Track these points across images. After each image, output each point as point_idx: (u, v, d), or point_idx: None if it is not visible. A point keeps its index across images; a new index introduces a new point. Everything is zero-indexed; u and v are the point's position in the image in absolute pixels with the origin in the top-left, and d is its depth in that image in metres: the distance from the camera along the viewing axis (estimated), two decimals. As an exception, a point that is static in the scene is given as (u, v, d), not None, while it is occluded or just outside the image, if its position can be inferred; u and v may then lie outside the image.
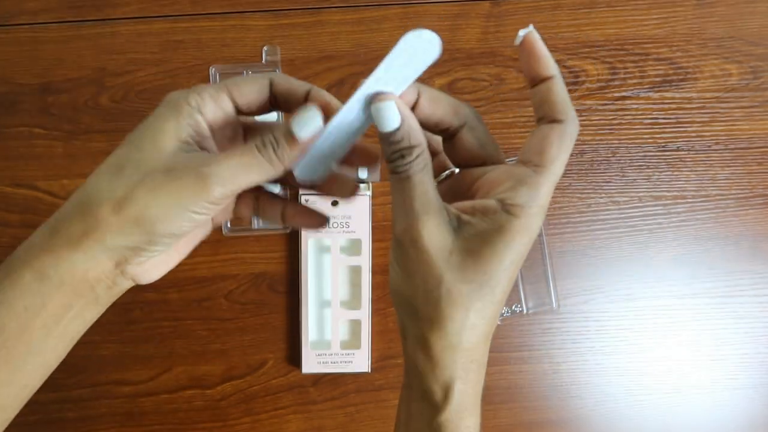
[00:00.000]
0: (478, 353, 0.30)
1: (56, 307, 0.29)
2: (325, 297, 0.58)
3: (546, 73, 0.29)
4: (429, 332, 0.29)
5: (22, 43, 0.58)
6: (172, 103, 0.29)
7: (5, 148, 0.58)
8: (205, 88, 0.30)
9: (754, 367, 0.59)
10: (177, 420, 0.58)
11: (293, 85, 0.31)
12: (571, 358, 0.59)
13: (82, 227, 0.28)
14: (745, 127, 0.59)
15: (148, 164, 0.28)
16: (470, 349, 0.29)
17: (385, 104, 0.28)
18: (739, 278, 0.59)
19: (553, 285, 0.59)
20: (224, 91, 0.30)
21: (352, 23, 0.59)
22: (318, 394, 0.58)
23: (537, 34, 0.29)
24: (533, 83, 0.29)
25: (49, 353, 0.31)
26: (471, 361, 0.29)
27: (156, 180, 0.28)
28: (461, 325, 0.28)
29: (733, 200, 0.59)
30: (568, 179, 0.59)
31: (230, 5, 0.58)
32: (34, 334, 0.29)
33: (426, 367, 0.29)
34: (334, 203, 0.57)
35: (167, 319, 0.58)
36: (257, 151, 0.29)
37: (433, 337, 0.28)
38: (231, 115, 0.31)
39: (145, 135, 0.29)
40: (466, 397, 0.30)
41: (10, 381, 0.30)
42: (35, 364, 0.30)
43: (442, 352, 0.29)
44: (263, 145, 0.29)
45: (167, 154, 0.29)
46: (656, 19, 0.59)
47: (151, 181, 0.28)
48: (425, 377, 0.30)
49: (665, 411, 0.59)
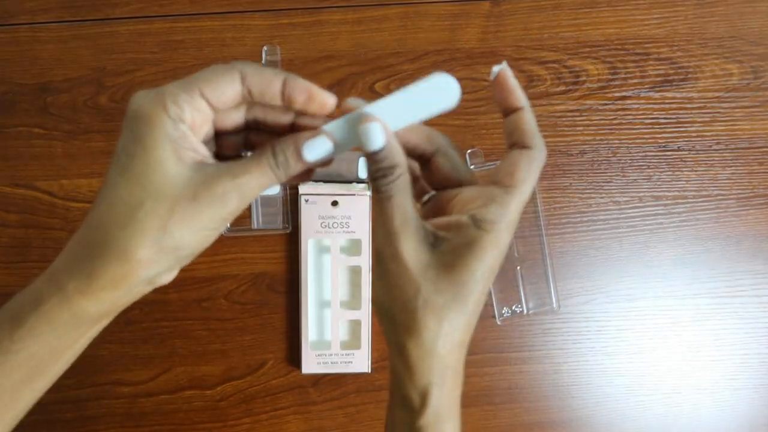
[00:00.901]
0: (453, 360, 0.31)
1: (91, 333, 0.32)
2: (325, 297, 0.58)
3: (517, 104, 0.32)
4: (407, 340, 0.30)
5: (21, 42, 0.58)
6: (154, 121, 0.28)
7: (4, 148, 0.58)
8: (177, 94, 0.29)
9: (754, 367, 0.59)
10: (177, 420, 0.58)
11: (266, 76, 0.30)
12: (571, 359, 0.59)
13: (121, 271, 0.29)
14: (746, 127, 0.59)
15: (166, 195, 0.28)
16: (445, 356, 0.31)
17: (371, 125, 0.29)
18: (740, 278, 0.59)
19: (553, 285, 0.58)
20: (196, 92, 0.29)
21: (352, 23, 0.58)
22: (318, 395, 0.58)
23: (509, 70, 0.31)
24: (506, 114, 0.32)
25: (57, 374, 0.32)
26: (446, 367, 0.31)
27: (185, 210, 0.28)
28: (436, 334, 0.30)
29: (734, 200, 0.59)
30: (568, 179, 0.59)
31: (230, 5, 0.58)
32: (56, 366, 0.31)
33: (404, 374, 0.31)
34: (334, 203, 0.57)
35: (167, 319, 0.58)
36: (270, 170, 0.30)
37: (410, 345, 0.30)
38: (209, 115, 0.30)
39: (147, 163, 0.28)
40: (443, 403, 0.32)
41: (32, 389, 0.32)
42: (41, 388, 0.32)
43: (419, 359, 0.30)
44: (276, 166, 0.30)
45: (180, 179, 0.29)
46: (657, 18, 0.59)
47: (180, 213, 0.28)
48: (404, 384, 0.31)
49: (666, 411, 0.59)
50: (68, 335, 0.30)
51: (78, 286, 0.29)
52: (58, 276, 0.29)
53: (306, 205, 0.57)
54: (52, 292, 0.29)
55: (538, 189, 0.59)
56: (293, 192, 0.58)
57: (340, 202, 0.57)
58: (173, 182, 0.28)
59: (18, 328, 0.29)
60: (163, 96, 0.29)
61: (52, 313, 0.29)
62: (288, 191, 0.58)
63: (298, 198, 0.57)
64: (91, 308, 0.29)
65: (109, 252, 0.28)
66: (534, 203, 0.59)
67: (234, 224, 0.58)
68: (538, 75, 0.59)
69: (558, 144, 0.59)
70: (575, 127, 0.59)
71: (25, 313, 0.29)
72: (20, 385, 0.30)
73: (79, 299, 0.29)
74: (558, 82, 0.59)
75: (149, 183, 0.28)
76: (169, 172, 0.28)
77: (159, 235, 0.28)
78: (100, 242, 0.29)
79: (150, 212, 0.28)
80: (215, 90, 0.29)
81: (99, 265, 0.29)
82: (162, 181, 0.28)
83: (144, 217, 0.28)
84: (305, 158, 0.30)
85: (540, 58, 0.59)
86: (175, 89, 0.29)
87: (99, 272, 0.29)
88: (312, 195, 0.57)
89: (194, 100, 0.29)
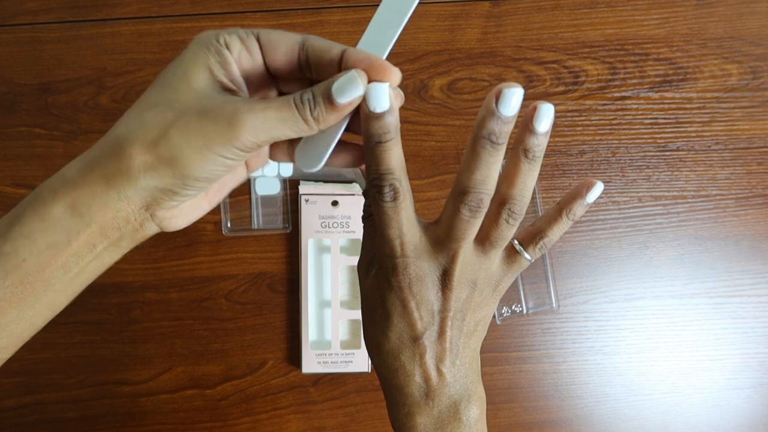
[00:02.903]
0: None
1: (81, 245, 0.29)
2: (325, 297, 0.58)
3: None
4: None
5: (22, 43, 0.58)
6: (202, 40, 0.29)
7: (5, 148, 0.58)
8: (236, 30, 0.30)
9: (753, 367, 0.59)
10: (177, 420, 0.58)
11: (325, 43, 0.30)
12: (570, 358, 0.59)
13: (115, 165, 0.28)
14: (744, 127, 0.59)
15: (181, 104, 0.28)
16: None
17: (380, 86, 0.29)
18: (738, 278, 0.59)
19: (553, 285, 0.59)
20: (253, 35, 0.30)
21: (352, 23, 0.59)
22: (318, 394, 0.58)
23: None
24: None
25: (61, 293, 0.30)
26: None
27: (190, 122, 0.28)
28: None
29: (733, 200, 0.59)
30: (567, 179, 0.59)
31: (230, 5, 0.58)
32: (53, 273, 0.29)
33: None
34: (334, 203, 0.57)
35: (167, 319, 0.58)
36: (295, 106, 0.29)
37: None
38: (259, 62, 0.30)
39: (176, 73, 0.29)
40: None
41: (19, 318, 0.29)
42: (46, 302, 0.30)
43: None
44: (301, 102, 0.29)
45: (201, 94, 0.28)
46: (656, 19, 0.59)
47: (185, 123, 0.28)
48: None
49: (665, 411, 0.59)
50: (59, 243, 0.28)
51: (76, 177, 0.28)
52: (61, 171, 0.29)
53: (306, 205, 0.57)
54: (54, 180, 0.29)
55: (538, 189, 0.59)
56: (293, 192, 0.58)
57: (340, 202, 0.57)
58: (191, 95, 0.28)
59: (10, 229, 0.28)
60: (224, 30, 0.30)
61: (45, 206, 0.28)
62: (288, 191, 0.58)
63: (298, 198, 0.57)
64: (83, 207, 0.28)
65: (106, 145, 0.29)
66: (534, 203, 0.59)
67: (234, 224, 0.58)
68: (537, 75, 0.59)
69: (557, 144, 0.59)
70: (575, 128, 0.59)
71: (21, 210, 0.28)
72: (10, 296, 0.28)
73: (75, 188, 0.28)
74: (557, 82, 0.59)
75: (170, 90, 0.29)
76: (192, 85, 0.28)
77: (157, 137, 0.28)
78: (105, 137, 0.29)
79: (157, 114, 0.28)
80: (271, 40, 0.30)
81: (95, 156, 0.29)
82: (182, 90, 0.28)
83: (150, 119, 0.28)
84: (336, 99, 0.28)
85: (539, 58, 0.59)
86: (237, 28, 0.29)
87: (94, 163, 0.28)
88: (312, 195, 0.57)
89: (248, 39, 0.29)
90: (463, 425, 0.33)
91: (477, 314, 0.34)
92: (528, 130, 0.31)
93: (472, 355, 0.34)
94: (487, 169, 0.31)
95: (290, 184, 0.58)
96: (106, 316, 0.58)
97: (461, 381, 0.33)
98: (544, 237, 0.34)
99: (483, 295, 0.34)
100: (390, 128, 0.30)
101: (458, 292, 0.33)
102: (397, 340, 0.33)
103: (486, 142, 0.30)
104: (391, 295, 0.32)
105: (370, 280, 0.34)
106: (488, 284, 0.34)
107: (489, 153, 0.30)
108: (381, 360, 0.34)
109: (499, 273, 0.34)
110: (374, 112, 0.29)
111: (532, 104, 0.31)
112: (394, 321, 0.33)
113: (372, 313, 0.34)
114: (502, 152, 0.31)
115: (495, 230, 0.32)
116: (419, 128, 0.59)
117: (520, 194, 0.32)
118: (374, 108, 0.29)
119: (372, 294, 0.34)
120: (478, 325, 0.34)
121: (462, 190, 0.31)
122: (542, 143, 0.31)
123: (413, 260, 0.32)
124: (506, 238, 0.33)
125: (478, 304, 0.34)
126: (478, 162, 0.30)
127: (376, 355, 0.34)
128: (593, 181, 0.34)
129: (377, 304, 0.33)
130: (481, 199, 0.31)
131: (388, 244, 0.32)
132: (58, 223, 0.28)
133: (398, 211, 0.31)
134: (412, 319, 0.32)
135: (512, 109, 0.30)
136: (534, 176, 0.32)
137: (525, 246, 0.34)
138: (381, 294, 0.33)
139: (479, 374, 0.35)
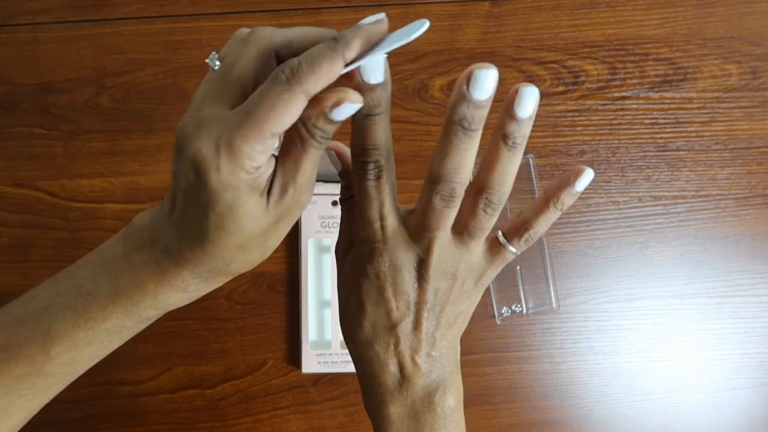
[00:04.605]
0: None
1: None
2: (325, 297, 0.58)
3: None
4: None
5: (22, 43, 0.58)
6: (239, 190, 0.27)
7: (5, 148, 0.58)
8: (251, 153, 0.26)
9: (753, 367, 0.59)
10: (177, 420, 0.58)
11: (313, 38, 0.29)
12: (570, 358, 0.59)
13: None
14: (744, 127, 0.59)
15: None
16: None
17: (377, 57, 0.28)
18: (738, 278, 0.59)
19: (553, 285, 0.59)
20: (267, 137, 0.26)
21: (352, 23, 0.58)
22: (318, 394, 0.58)
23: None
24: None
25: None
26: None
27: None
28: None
29: (733, 200, 0.59)
30: (567, 179, 0.59)
31: (230, 5, 0.58)
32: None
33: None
34: (334, 203, 0.57)
35: (167, 319, 0.58)
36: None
37: None
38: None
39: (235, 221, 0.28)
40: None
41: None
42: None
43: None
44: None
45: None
46: (656, 19, 0.59)
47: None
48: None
49: (665, 411, 0.59)
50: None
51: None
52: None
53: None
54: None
55: (538, 188, 0.59)
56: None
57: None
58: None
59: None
60: (240, 160, 0.26)
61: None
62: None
63: (298, 198, 0.57)
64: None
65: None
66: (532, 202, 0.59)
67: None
68: (537, 75, 0.59)
69: (557, 144, 0.59)
70: (575, 128, 0.59)
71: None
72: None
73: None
74: (557, 82, 0.59)
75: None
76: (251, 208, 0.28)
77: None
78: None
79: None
80: (283, 126, 0.27)
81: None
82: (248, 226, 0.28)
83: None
84: (332, 117, 0.27)
85: (539, 58, 0.59)
86: (248, 149, 0.26)
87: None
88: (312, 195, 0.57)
89: (266, 145, 0.27)
90: (437, 416, 0.32)
91: (457, 306, 0.33)
92: (508, 114, 0.29)
93: (450, 346, 0.33)
94: (459, 157, 0.29)
95: (290, 184, 0.58)
96: (106, 316, 0.58)
97: (437, 371, 0.32)
98: (530, 229, 0.33)
99: (464, 287, 0.33)
100: (381, 101, 0.29)
101: (435, 282, 0.32)
102: (371, 328, 0.32)
103: (458, 128, 0.29)
104: (367, 283, 0.32)
105: (347, 266, 0.34)
106: (470, 276, 0.33)
107: (461, 140, 0.29)
108: (355, 348, 0.33)
109: (481, 265, 0.33)
110: (368, 83, 0.28)
111: (514, 86, 0.29)
112: (369, 309, 0.32)
113: (347, 300, 0.33)
114: (476, 138, 0.29)
115: (472, 220, 0.31)
116: (419, 128, 0.59)
117: (499, 183, 0.30)
118: (368, 79, 0.28)
119: (347, 280, 0.33)
120: (458, 317, 0.33)
121: (434, 178, 0.30)
122: (524, 130, 0.30)
123: (390, 248, 0.31)
124: (485, 229, 0.32)
125: (458, 296, 0.33)
126: (449, 149, 0.29)
127: (350, 343, 0.34)
128: (582, 167, 0.32)
129: (352, 291, 0.33)
130: (454, 188, 0.30)
131: (366, 227, 0.32)
132: None
133: (380, 190, 0.31)
134: (388, 308, 0.32)
135: (485, 92, 0.28)
136: (515, 164, 0.31)
137: (510, 238, 0.33)
138: (356, 281, 0.32)
139: (458, 365, 0.34)
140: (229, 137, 0.26)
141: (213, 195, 0.26)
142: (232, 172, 0.26)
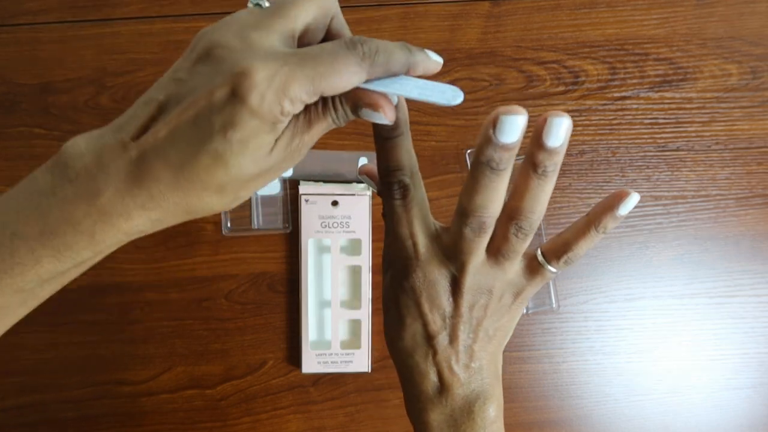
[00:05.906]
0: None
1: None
2: (325, 297, 0.58)
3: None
4: None
5: (22, 43, 0.58)
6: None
7: (5, 148, 0.58)
8: (299, 95, 0.26)
9: (753, 367, 0.59)
10: (177, 420, 0.58)
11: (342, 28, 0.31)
12: (570, 358, 0.59)
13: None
14: (744, 127, 0.59)
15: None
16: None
17: (397, 91, 0.28)
18: (738, 278, 0.59)
19: (553, 285, 0.59)
20: (318, 90, 0.26)
21: (352, 23, 0.58)
22: (318, 394, 0.58)
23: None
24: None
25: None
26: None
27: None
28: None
29: (733, 200, 0.59)
30: (567, 179, 0.59)
31: (230, 5, 0.58)
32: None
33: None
34: (334, 203, 0.57)
35: (167, 319, 0.58)
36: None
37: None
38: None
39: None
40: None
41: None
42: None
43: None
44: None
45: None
46: (656, 19, 0.59)
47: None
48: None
49: (665, 411, 0.59)
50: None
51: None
52: None
53: (306, 205, 0.57)
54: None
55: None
56: (293, 192, 0.58)
57: (340, 202, 0.57)
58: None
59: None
60: (285, 99, 0.26)
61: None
62: (288, 191, 0.58)
63: (298, 198, 0.57)
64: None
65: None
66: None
67: (234, 224, 0.58)
68: (537, 75, 0.59)
69: (557, 144, 0.59)
70: (575, 128, 0.59)
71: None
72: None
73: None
74: (557, 82, 0.59)
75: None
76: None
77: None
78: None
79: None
80: (333, 92, 0.27)
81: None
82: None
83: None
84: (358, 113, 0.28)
85: (539, 58, 0.59)
86: (299, 93, 0.26)
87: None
88: (312, 195, 0.57)
89: (312, 99, 0.26)
90: (476, 425, 0.33)
91: (496, 321, 0.33)
92: (537, 144, 0.28)
93: (490, 359, 0.34)
94: (488, 194, 0.29)
95: (290, 184, 0.58)
96: (106, 316, 0.58)
97: (477, 382, 0.33)
98: (569, 251, 0.32)
99: (502, 302, 0.33)
100: (399, 124, 0.30)
101: (470, 297, 0.32)
102: (411, 339, 0.33)
103: (486, 168, 0.28)
104: (404, 297, 0.33)
105: (387, 280, 0.34)
106: (507, 291, 0.33)
107: (490, 179, 0.29)
108: (397, 357, 0.34)
109: (519, 281, 0.33)
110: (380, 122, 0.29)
111: (543, 115, 0.28)
112: (408, 322, 0.33)
113: (388, 312, 0.34)
114: (505, 176, 0.29)
115: (505, 245, 0.32)
116: (419, 128, 0.59)
117: (530, 210, 0.30)
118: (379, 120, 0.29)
119: (388, 293, 0.34)
120: (498, 331, 0.34)
121: (463, 211, 0.30)
122: (555, 159, 0.29)
123: (423, 264, 0.32)
124: (518, 251, 0.32)
125: (496, 311, 0.33)
126: (478, 187, 0.29)
127: (392, 352, 0.34)
128: (627, 191, 0.32)
129: (392, 304, 0.34)
130: (484, 222, 0.30)
131: (399, 243, 0.32)
132: None
133: (408, 209, 0.31)
134: (426, 320, 0.32)
135: (512, 136, 0.27)
136: (547, 191, 0.30)
137: (549, 259, 0.33)
138: (395, 295, 0.33)
139: (498, 377, 0.34)
140: (288, 74, 0.25)
141: (240, 119, 0.25)
142: (273, 106, 0.25)
